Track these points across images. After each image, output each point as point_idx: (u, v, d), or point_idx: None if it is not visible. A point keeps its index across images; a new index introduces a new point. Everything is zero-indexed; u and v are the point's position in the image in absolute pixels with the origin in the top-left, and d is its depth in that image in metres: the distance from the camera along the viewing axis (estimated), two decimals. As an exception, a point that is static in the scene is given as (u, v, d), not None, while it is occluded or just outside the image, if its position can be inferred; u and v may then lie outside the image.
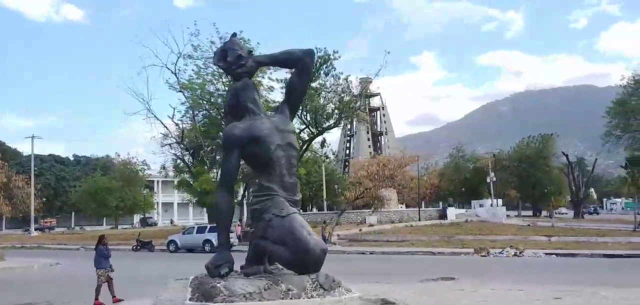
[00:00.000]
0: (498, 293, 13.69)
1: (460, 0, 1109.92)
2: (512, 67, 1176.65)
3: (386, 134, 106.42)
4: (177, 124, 46.41)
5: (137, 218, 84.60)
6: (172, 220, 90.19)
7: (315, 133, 44.73)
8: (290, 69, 6.81)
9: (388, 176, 62.02)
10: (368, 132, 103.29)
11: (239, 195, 44.55)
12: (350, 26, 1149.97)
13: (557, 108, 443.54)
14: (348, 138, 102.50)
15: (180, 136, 46.61)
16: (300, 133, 42.49)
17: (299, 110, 34.83)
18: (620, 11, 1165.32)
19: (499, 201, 69.99)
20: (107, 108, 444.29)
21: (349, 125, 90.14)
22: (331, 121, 43.66)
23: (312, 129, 44.07)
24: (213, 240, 33.52)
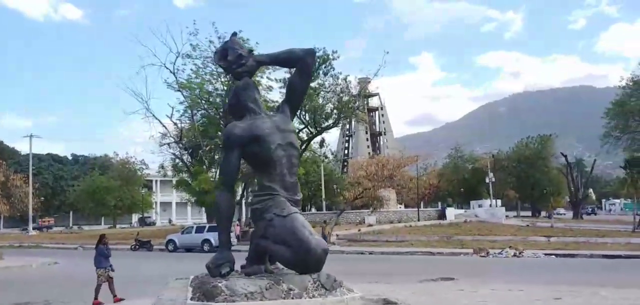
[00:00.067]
0: (498, 293, 13.66)
1: (459, 0, 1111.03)
2: (511, 68, 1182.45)
3: (385, 134, 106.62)
4: (176, 124, 46.41)
5: (136, 217, 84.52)
6: (171, 220, 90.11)
7: (314, 133, 44.71)
8: (291, 69, 6.79)
9: (387, 176, 62.24)
10: (367, 132, 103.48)
11: (238, 195, 44.47)
12: (350, 26, 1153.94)
13: (556, 109, 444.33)
14: (347, 138, 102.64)
15: (179, 135, 46.54)
16: (299, 133, 42.39)
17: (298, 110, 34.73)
18: (619, 12, 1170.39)
19: (498, 202, 69.99)
20: (107, 108, 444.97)
21: (347, 126, 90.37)
22: (330, 121, 43.64)
23: (311, 129, 44.05)
24: (212, 239, 33.51)
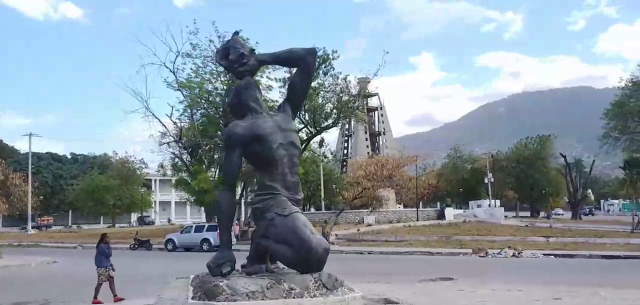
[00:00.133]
0: (497, 293, 13.66)
1: (459, 0, 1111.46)
2: (511, 68, 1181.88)
3: (384, 134, 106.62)
4: (175, 123, 46.34)
5: (135, 217, 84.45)
6: (170, 219, 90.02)
7: (314, 132, 44.71)
8: (292, 68, 6.79)
9: (386, 176, 62.27)
10: (366, 132, 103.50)
11: (237, 195, 44.46)
12: (349, 26, 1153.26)
13: (555, 109, 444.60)
14: (346, 138, 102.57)
15: (179, 135, 46.50)
16: (298, 132, 42.34)
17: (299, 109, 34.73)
18: (618, 13, 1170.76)
19: (497, 202, 70.05)
20: (107, 108, 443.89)
21: (347, 125, 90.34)
22: (329, 121, 43.65)
23: (311, 129, 44.05)
24: (211, 239, 33.57)
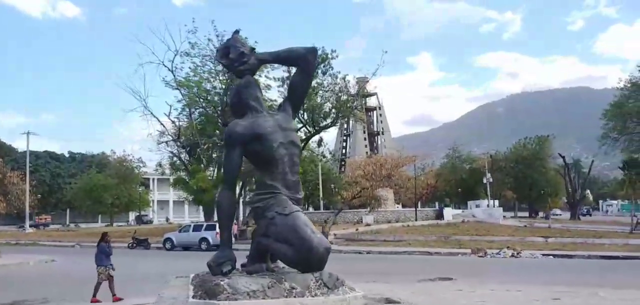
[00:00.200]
0: (496, 293, 13.65)
1: (458, 1, 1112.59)
2: (510, 68, 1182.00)
3: (383, 133, 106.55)
4: (174, 122, 46.26)
5: (133, 215, 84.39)
6: (168, 218, 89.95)
7: (313, 132, 44.67)
8: (293, 67, 6.77)
9: (385, 176, 62.38)
10: (365, 132, 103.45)
11: (236, 194, 44.42)
12: (349, 26, 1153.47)
13: (554, 109, 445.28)
14: (345, 137, 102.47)
15: (177, 134, 46.42)
16: (297, 132, 42.35)
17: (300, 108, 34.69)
18: (618, 13, 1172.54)
19: (496, 202, 70.12)
20: (106, 107, 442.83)
21: (345, 125, 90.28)
22: (328, 120, 43.66)
23: (309, 128, 44.01)
24: (209, 238, 33.53)
